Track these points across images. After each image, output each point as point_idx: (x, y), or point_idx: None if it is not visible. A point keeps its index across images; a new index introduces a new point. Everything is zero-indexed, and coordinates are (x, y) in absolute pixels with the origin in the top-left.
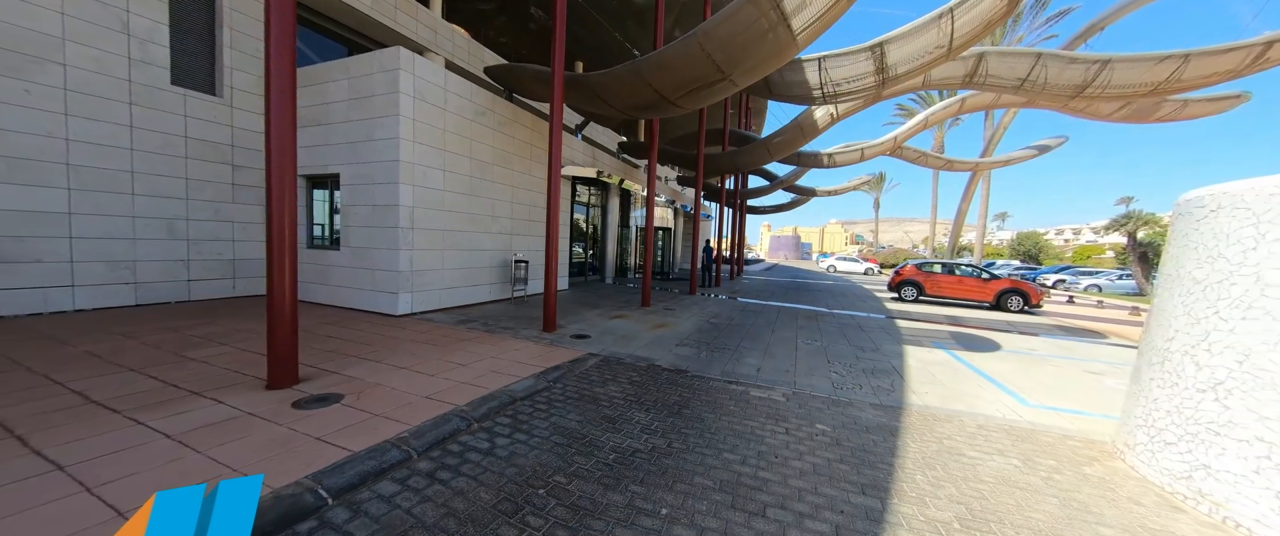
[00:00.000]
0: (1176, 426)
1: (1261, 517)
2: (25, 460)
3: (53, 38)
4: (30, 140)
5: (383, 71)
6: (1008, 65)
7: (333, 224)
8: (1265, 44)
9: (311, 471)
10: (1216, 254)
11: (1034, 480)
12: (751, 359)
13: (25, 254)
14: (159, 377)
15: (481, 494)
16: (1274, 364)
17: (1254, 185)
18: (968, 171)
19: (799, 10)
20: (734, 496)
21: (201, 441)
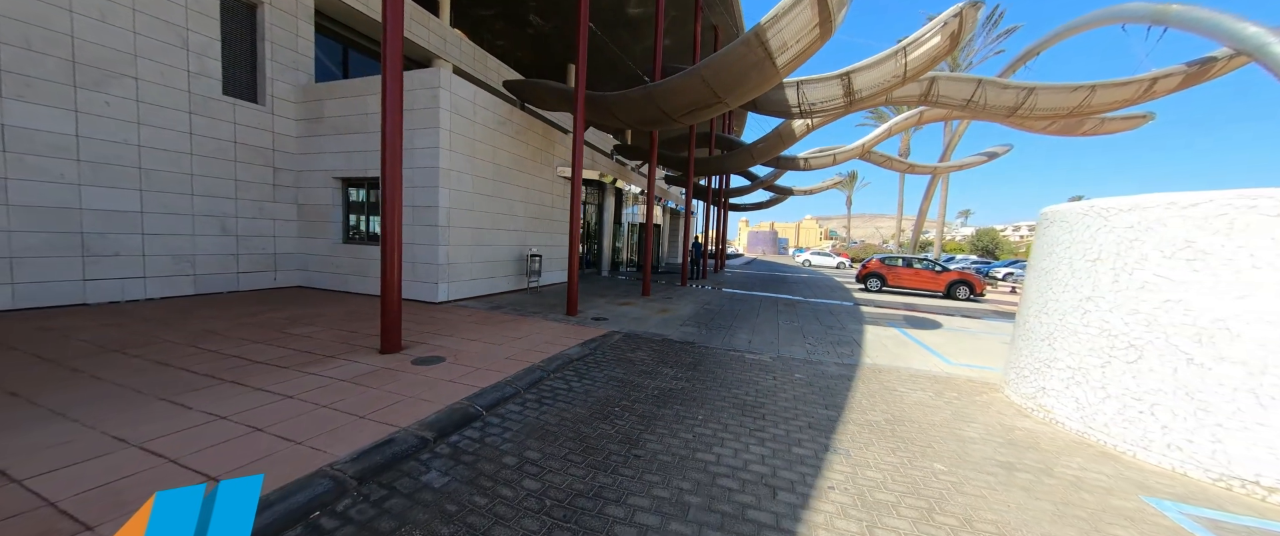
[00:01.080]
0: (1029, 366)
1: (1068, 414)
2: (256, 395)
3: (126, 54)
4: (110, 147)
5: (424, 88)
6: (955, 88)
7: (371, 222)
8: (1151, 79)
9: (460, 398)
10: (1050, 251)
11: (939, 403)
12: (743, 335)
13: (107, 248)
14: (289, 346)
15: (578, 409)
16: (1077, 320)
17: (1069, 206)
18: (928, 174)
19: (782, 51)
20: (743, 411)
21: (370, 382)
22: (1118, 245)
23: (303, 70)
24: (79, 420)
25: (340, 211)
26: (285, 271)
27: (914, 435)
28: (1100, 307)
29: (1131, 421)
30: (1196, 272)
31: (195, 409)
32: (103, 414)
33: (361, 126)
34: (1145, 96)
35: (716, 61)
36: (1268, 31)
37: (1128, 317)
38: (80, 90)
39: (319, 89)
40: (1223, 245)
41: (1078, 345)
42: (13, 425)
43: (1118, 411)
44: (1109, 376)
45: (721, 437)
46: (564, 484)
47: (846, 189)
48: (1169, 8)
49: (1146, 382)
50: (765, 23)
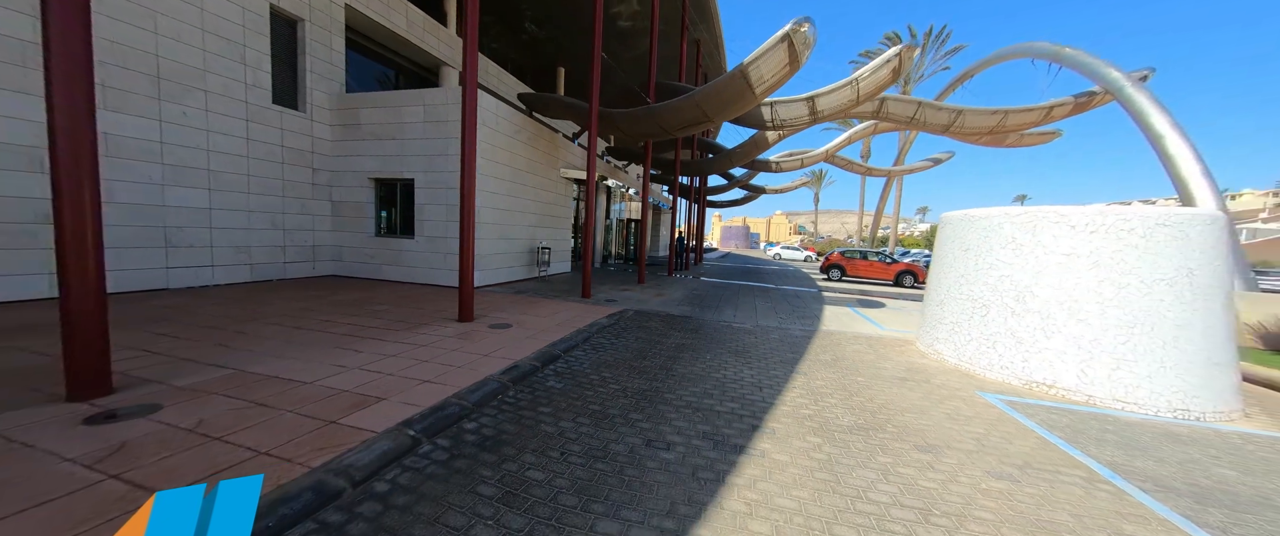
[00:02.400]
0: (928, 324)
1: (948, 353)
2: (398, 346)
3: (198, 70)
4: (187, 151)
5: (458, 103)
6: (901, 107)
7: (404, 217)
8: (1049, 107)
9: (542, 346)
10: (943, 244)
11: (869, 351)
12: (728, 312)
13: (184, 240)
14: (381, 319)
15: (623, 354)
16: (956, 291)
17: (953, 213)
18: (883, 177)
19: (760, 83)
20: (735, 355)
21: (469, 339)
22: (978, 240)
23: (335, 80)
24: (298, 358)
25: (373, 208)
26: (322, 262)
27: (848, 367)
28: (969, 281)
29: (982, 353)
30: (1018, 257)
31: (366, 352)
32: (309, 354)
33: (395, 134)
34: (1046, 119)
35: (709, 90)
36: (1125, 76)
37: (982, 288)
38: (163, 102)
39: (355, 98)
40: (1030, 240)
41: (956, 308)
42: (260, 360)
43: (975, 348)
44: (972, 326)
45: (723, 367)
46: (633, 386)
47: (814, 187)
48: (1062, 49)
49: (991, 328)
50: (748, 62)
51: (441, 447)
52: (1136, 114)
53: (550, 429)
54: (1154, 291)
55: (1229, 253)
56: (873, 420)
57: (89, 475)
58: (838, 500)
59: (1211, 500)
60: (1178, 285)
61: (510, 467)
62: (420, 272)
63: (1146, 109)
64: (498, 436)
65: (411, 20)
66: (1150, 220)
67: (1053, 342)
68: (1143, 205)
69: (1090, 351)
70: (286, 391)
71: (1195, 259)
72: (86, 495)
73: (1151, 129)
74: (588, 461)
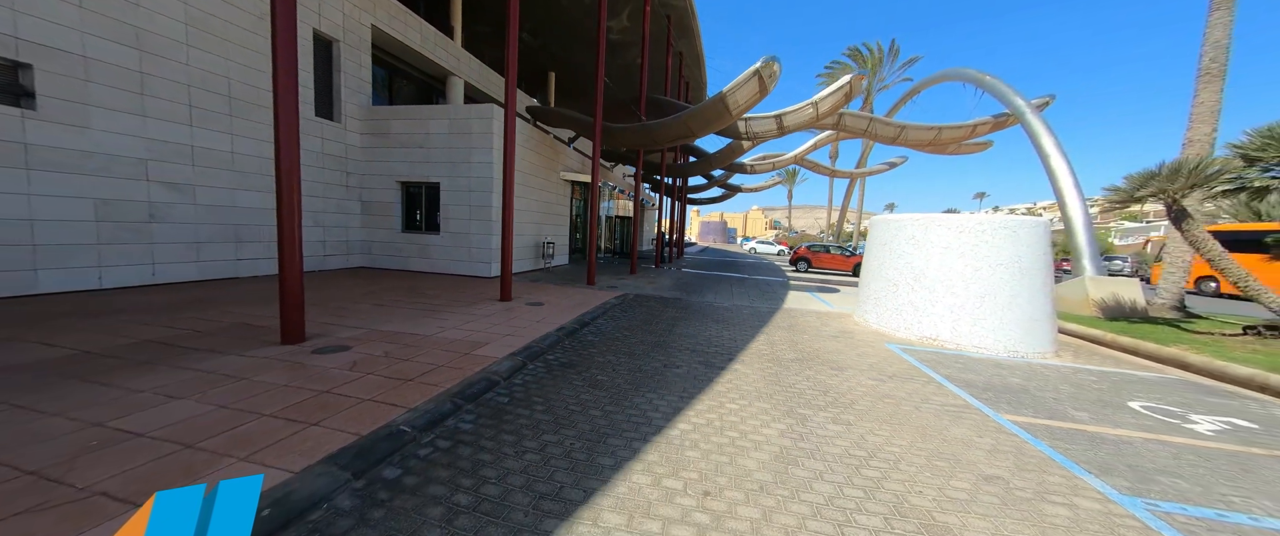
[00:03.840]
0: (860, 301)
1: (871, 321)
2: (471, 314)
3: (261, 89)
4: (252, 160)
5: (479, 118)
6: (855, 122)
7: (429, 215)
8: (974, 124)
9: (572, 317)
10: (871, 240)
11: (816, 322)
12: (710, 296)
13: (251, 236)
14: (438, 299)
15: (634, 322)
16: (878, 274)
17: (879, 216)
18: (847, 178)
19: (736, 106)
20: (719, 323)
21: (515, 313)
22: (891, 237)
23: (364, 93)
24: (405, 322)
25: (400, 207)
26: (354, 255)
27: (798, 330)
28: (885, 267)
29: (892, 318)
30: (916, 249)
31: (450, 319)
32: (411, 321)
33: (422, 143)
34: (973, 134)
35: (695, 112)
36: (1026, 103)
37: (894, 272)
38: (234, 118)
39: (385, 111)
40: (924, 236)
41: (877, 287)
42: (381, 323)
43: (889, 316)
44: (887, 300)
45: (709, 330)
46: (648, 339)
47: (788, 185)
48: (983, 76)
49: (898, 301)
50: (727, 90)
51: (539, 367)
52: (1032, 134)
53: (601, 360)
54: (996, 273)
55: (1047, 245)
56: (807, 356)
57: (352, 374)
58: (777, 387)
59: (994, 391)
60: (1011, 268)
61: (585, 375)
62: (444, 264)
63: (1039, 131)
64: (570, 363)
65: (424, 35)
66: (995, 224)
67: (935, 309)
68: (991, 214)
69: (958, 314)
70: (419, 340)
71: (1022, 250)
72: (361, 382)
73: (1041, 148)
74: (630, 373)
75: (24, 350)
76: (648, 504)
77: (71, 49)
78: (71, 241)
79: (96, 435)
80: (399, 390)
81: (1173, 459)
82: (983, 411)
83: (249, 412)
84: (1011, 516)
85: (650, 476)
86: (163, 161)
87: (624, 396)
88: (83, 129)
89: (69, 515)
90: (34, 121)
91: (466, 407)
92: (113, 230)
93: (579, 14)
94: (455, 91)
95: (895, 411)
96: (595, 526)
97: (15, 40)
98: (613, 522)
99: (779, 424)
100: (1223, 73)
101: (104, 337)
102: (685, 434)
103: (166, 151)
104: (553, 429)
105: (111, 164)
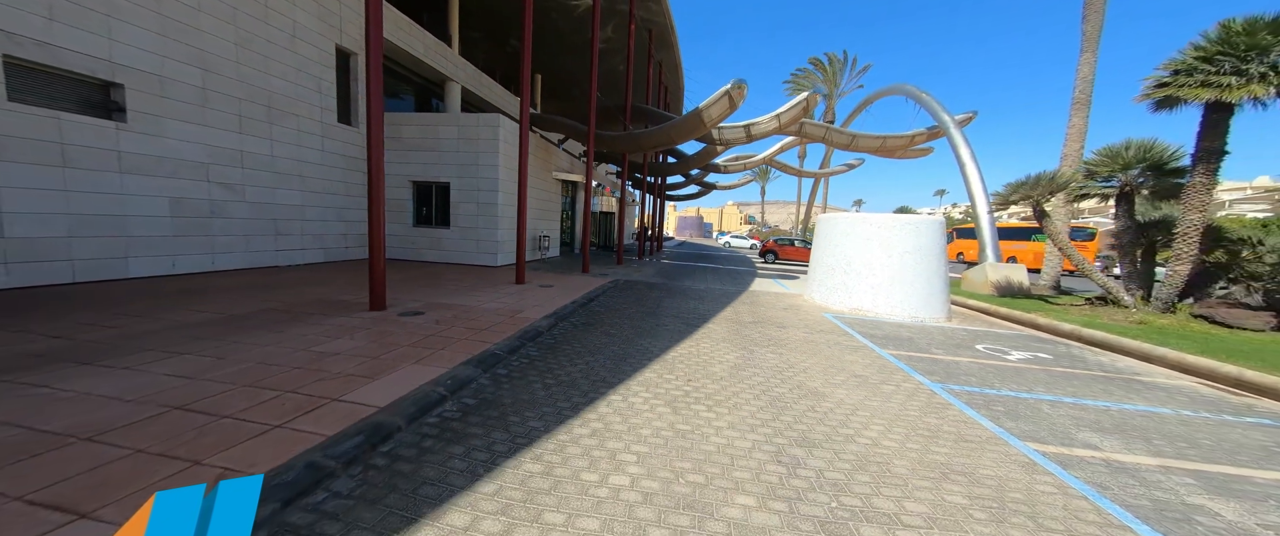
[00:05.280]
0: (809, 283)
1: (816, 298)
2: (504, 291)
3: (294, 98)
4: (289, 162)
5: (487, 126)
6: (814, 129)
7: (440, 211)
8: (913, 135)
9: (579, 294)
10: (817, 234)
11: (775, 300)
12: (688, 282)
13: (288, 230)
14: (464, 282)
15: (628, 299)
16: (820, 262)
17: (822, 216)
18: (812, 177)
19: (711, 120)
20: (696, 300)
21: (528, 293)
22: (830, 231)
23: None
24: (454, 296)
25: (412, 204)
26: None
27: (758, 305)
28: (828, 255)
29: (830, 295)
30: (848, 241)
31: (486, 295)
32: (458, 296)
33: (432, 146)
34: (912, 143)
35: (676, 124)
36: (950, 118)
37: (832, 259)
38: (273, 125)
39: (397, 117)
40: (852, 231)
41: (820, 271)
42: (437, 298)
43: (828, 293)
44: (827, 281)
45: (688, 305)
46: (642, 309)
47: (761, 181)
48: (920, 93)
49: (835, 281)
50: (702, 107)
51: (567, 325)
52: (953, 146)
53: (609, 321)
54: (903, 259)
55: (942, 237)
56: (761, 320)
57: (439, 327)
58: (737, 336)
59: (887, 339)
60: (914, 255)
61: (601, 330)
62: (455, 255)
63: (959, 143)
64: (588, 323)
65: (426, 45)
66: (903, 222)
67: (861, 287)
68: (900, 214)
69: (877, 290)
70: (471, 308)
71: (923, 241)
72: (451, 331)
73: (959, 157)
74: (632, 329)
75: (182, 313)
76: (656, 382)
77: (152, 69)
78: (154, 233)
79: (308, 359)
80: (480, 334)
81: (978, 370)
82: (872, 349)
83: (392, 346)
84: (860, 390)
85: (656, 374)
86: (219, 165)
87: (631, 341)
88: (160, 137)
89: (353, 382)
90: (125, 132)
91: (529, 345)
92: (183, 224)
93: (565, 26)
94: (453, 95)
95: (814, 349)
96: (629, 392)
97: (111, 64)
98: (638, 391)
99: (734, 354)
100: (1088, 102)
101: (225, 307)
102: (675, 357)
103: (222, 155)
104: (589, 355)
105: (181, 167)
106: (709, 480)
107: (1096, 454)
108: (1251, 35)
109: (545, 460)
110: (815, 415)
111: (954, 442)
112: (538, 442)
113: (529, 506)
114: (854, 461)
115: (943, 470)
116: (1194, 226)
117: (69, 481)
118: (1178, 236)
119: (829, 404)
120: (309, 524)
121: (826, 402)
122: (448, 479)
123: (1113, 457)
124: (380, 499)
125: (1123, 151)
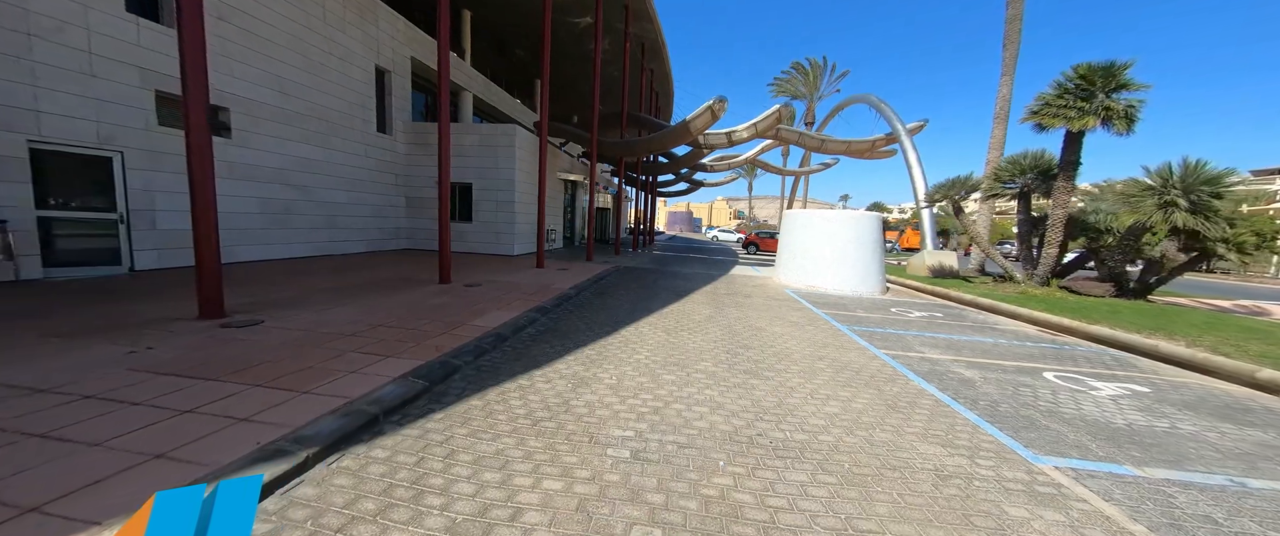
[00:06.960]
0: (776, 268)
1: (782, 279)
2: (523, 274)
3: (346, 113)
4: (340, 168)
5: (504, 135)
6: (789, 134)
7: (463, 208)
8: (874, 140)
9: (591, 276)
10: (783, 228)
11: (749, 281)
12: (678, 268)
13: (339, 223)
14: (495, 268)
15: (631, 279)
16: (785, 248)
17: (788, 211)
18: (792, 175)
19: (696, 130)
20: (684, 281)
21: (548, 276)
22: (792, 224)
23: (406, 111)
24: (498, 275)
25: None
26: (400, 240)
27: (734, 284)
28: (790, 243)
29: (793, 276)
30: (806, 232)
31: (519, 276)
32: (501, 275)
33: (456, 152)
34: (874, 147)
35: (666, 132)
36: (903, 126)
37: (793, 247)
38: (330, 137)
39: (425, 126)
40: (808, 223)
41: (785, 257)
42: (488, 277)
43: (791, 274)
44: (789, 264)
45: (677, 283)
46: (641, 286)
47: (748, 177)
48: (881, 103)
49: (795, 265)
50: (689, 119)
51: (587, 294)
52: (903, 151)
53: (619, 292)
54: (847, 247)
55: (878, 229)
56: (734, 293)
57: (500, 294)
58: (713, 302)
59: (827, 305)
60: (855, 243)
61: (614, 297)
62: (476, 246)
63: (907, 148)
64: (602, 293)
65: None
66: (847, 215)
67: (815, 269)
68: (843, 210)
69: (825, 271)
70: (514, 283)
71: (861, 232)
72: (510, 296)
73: (908, 161)
74: (636, 297)
75: (313, 284)
76: (656, 323)
77: (247, 94)
78: (249, 227)
79: (430, 309)
80: (530, 297)
81: (881, 320)
82: (811, 309)
83: (477, 302)
84: (790, 328)
85: (655, 319)
86: (292, 170)
87: (636, 303)
88: (252, 149)
89: (470, 316)
90: (230, 146)
91: (565, 304)
92: (268, 219)
93: (565, 37)
94: (465, 104)
95: (768, 308)
96: (639, 326)
97: (220, 92)
98: (644, 327)
99: (709, 309)
100: (1006, 117)
101: (335, 283)
102: (668, 312)
103: (294, 163)
104: (608, 310)
105: (266, 173)
106: (688, 359)
107: (920, 355)
108: (1089, 80)
109: (595, 349)
110: (756, 338)
111: (836, 350)
112: (588, 345)
113: (591, 365)
114: (771, 354)
115: (821, 357)
116: (1058, 220)
117: (359, 352)
118: (1048, 226)
119: (767, 335)
120: (490, 365)
121: (765, 334)
122: (546, 355)
123: (928, 356)
124: (516, 360)
125: (1021, 160)
